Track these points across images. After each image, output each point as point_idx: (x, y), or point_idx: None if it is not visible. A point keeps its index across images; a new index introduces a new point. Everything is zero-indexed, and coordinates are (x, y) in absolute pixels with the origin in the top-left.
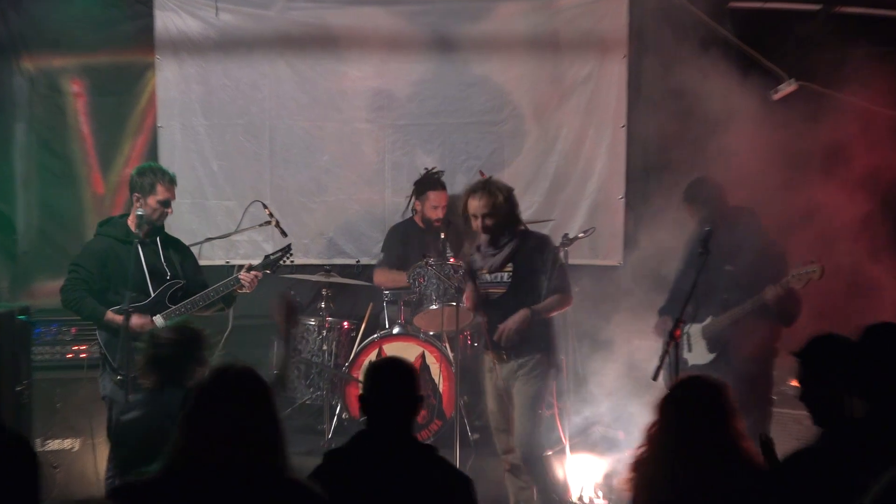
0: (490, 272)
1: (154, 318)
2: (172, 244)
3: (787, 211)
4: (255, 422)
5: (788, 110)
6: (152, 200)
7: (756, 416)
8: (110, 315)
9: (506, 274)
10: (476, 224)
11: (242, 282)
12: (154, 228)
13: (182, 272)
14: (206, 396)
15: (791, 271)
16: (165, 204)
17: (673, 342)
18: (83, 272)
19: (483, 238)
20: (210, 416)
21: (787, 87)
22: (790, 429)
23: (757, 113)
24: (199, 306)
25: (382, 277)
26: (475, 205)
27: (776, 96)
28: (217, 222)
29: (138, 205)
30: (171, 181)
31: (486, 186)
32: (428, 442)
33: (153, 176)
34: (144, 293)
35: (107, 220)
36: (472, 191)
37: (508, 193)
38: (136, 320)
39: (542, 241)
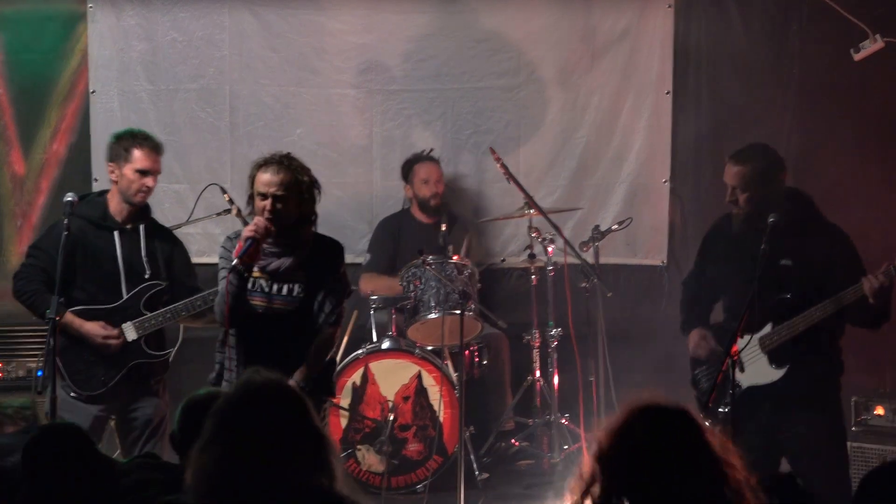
0: (273, 280)
1: (123, 325)
2: (160, 234)
3: (871, 193)
4: (294, 437)
5: (873, 73)
6: (128, 170)
7: (829, 453)
8: (70, 317)
9: (296, 287)
10: (264, 204)
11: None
12: (137, 212)
13: (166, 272)
14: (231, 415)
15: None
16: (144, 174)
17: (729, 360)
18: (43, 258)
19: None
20: (240, 437)
21: (872, 46)
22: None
23: (834, 76)
24: (182, 316)
25: (371, 284)
26: (267, 179)
27: (858, 56)
28: (164, 210)
29: (114, 177)
30: (154, 147)
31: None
32: (426, 482)
33: (130, 140)
34: (116, 294)
35: (82, 197)
36: (266, 163)
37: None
38: (96, 328)
39: (338, 249)
